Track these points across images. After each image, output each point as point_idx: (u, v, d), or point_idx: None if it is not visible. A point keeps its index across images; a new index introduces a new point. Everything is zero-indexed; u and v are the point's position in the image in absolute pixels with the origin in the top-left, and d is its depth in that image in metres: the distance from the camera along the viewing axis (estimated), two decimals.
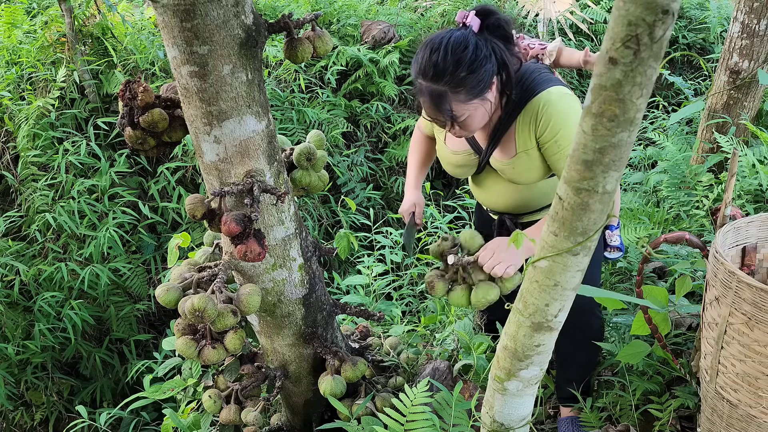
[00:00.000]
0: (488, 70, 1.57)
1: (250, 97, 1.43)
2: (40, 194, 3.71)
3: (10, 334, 3.50)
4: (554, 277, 1.06)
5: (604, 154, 0.88)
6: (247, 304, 1.56)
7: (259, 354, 2.03)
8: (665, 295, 1.83)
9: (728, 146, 3.08)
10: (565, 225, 0.99)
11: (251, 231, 1.47)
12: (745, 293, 1.38)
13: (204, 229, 3.71)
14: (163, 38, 1.36)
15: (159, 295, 1.57)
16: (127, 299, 3.86)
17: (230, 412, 1.94)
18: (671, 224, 2.94)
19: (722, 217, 1.69)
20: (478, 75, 1.55)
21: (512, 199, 1.88)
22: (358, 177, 4.49)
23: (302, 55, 1.53)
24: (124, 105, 1.56)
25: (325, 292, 1.88)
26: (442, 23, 5.34)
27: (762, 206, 2.81)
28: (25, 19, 4.32)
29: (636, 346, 1.89)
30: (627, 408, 1.99)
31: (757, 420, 1.47)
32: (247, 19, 1.37)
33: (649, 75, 0.80)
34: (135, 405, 2.32)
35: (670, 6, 0.73)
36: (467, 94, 1.57)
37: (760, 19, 3.03)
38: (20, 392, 3.67)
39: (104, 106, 4.07)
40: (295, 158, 1.77)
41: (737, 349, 1.45)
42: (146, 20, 4.36)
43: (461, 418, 1.70)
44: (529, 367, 1.23)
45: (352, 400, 1.91)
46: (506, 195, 1.88)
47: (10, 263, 3.58)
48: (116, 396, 3.75)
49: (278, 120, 4.27)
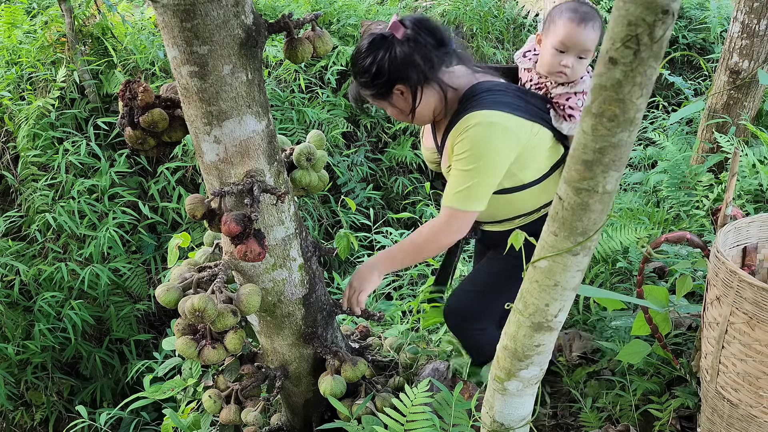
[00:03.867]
0: (387, 81, 1.69)
1: (250, 97, 1.43)
2: (40, 194, 3.71)
3: (10, 334, 3.50)
4: (554, 277, 1.06)
5: (604, 154, 0.88)
6: (247, 304, 1.56)
7: (259, 354, 2.03)
8: (666, 295, 1.83)
9: (728, 146, 3.07)
10: (565, 225, 0.99)
11: (251, 231, 1.47)
12: (746, 293, 1.38)
13: (204, 229, 3.71)
14: (163, 38, 1.36)
15: (159, 295, 1.57)
16: (127, 299, 3.86)
17: (230, 412, 1.94)
18: (671, 224, 2.93)
19: (723, 216, 1.69)
20: (378, 81, 1.69)
21: None
22: (358, 177, 4.49)
23: (302, 55, 1.53)
24: (124, 105, 1.56)
25: (325, 292, 1.88)
26: (442, 23, 5.33)
27: (762, 206, 2.81)
28: (25, 19, 4.31)
29: (636, 346, 1.89)
30: (627, 408, 1.99)
31: (758, 420, 1.47)
32: (247, 19, 1.37)
33: (649, 75, 0.80)
34: (135, 405, 2.32)
35: (670, 6, 0.73)
36: (372, 95, 1.76)
37: (760, 19, 3.03)
38: (20, 392, 3.66)
39: (104, 106, 4.06)
40: (295, 158, 1.77)
41: (738, 349, 1.45)
42: (146, 20, 4.36)
43: (461, 418, 1.70)
44: (529, 367, 1.23)
45: (352, 400, 1.91)
46: None
47: (10, 263, 3.57)
48: (116, 396, 3.75)
49: (278, 120, 4.27)
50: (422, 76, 1.69)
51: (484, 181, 1.68)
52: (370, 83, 1.71)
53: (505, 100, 1.70)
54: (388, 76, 1.68)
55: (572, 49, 1.72)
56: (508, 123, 1.66)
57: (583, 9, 1.72)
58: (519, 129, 1.67)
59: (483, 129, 1.64)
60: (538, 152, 1.75)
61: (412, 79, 1.68)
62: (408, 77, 1.68)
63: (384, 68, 1.67)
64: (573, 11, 1.71)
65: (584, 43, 1.71)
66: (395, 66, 1.66)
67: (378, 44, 1.68)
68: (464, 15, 5.38)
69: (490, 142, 1.65)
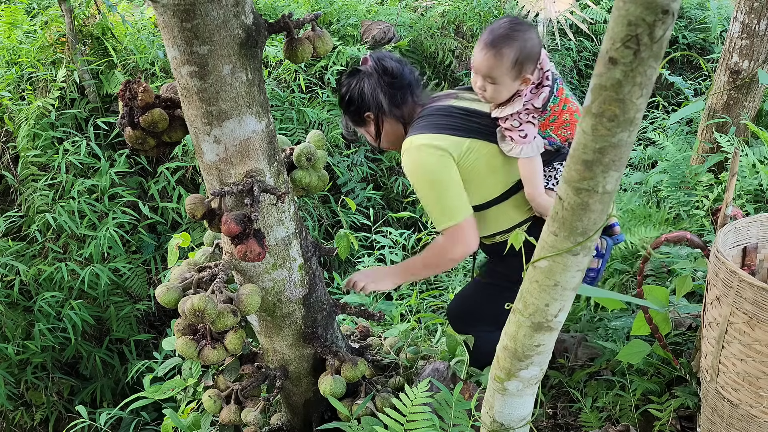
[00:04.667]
0: (357, 109, 1.92)
1: (250, 97, 1.43)
2: (40, 194, 3.71)
3: (10, 334, 3.50)
4: (554, 277, 1.06)
5: (604, 154, 0.88)
6: (247, 304, 1.56)
7: (259, 354, 2.03)
8: (666, 295, 1.83)
9: (728, 146, 3.07)
10: (565, 225, 0.99)
11: (251, 231, 1.47)
12: (746, 292, 1.38)
13: (204, 229, 3.71)
14: (163, 38, 1.36)
15: (159, 295, 1.57)
16: (127, 299, 3.86)
17: (230, 412, 1.94)
18: (671, 224, 2.93)
19: (723, 216, 1.69)
20: (351, 108, 1.94)
21: None
22: (358, 177, 4.49)
23: (302, 55, 1.53)
24: (124, 105, 1.56)
25: (325, 292, 1.88)
26: (442, 23, 5.34)
27: (762, 206, 2.81)
28: (25, 19, 4.31)
29: (636, 346, 1.89)
30: (627, 408, 1.99)
31: (758, 420, 1.47)
32: (247, 19, 1.37)
33: (649, 75, 0.79)
34: (135, 405, 2.32)
35: (670, 6, 0.73)
36: (351, 121, 2.00)
37: (760, 19, 3.03)
38: (20, 392, 3.66)
39: (104, 106, 4.06)
40: (295, 158, 1.77)
41: (738, 349, 1.45)
42: (146, 20, 4.36)
43: (461, 418, 1.70)
44: (529, 367, 1.23)
45: (352, 400, 1.91)
46: None
47: (10, 263, 3.57)
48: (116, 396, 3.75)
49: (278, 120, 4.27)
50: (381, 107, 1.89)
51: (448, 195, 1.77)
52: (347, 109, 1.96)
53: (436, 122, 1.81)
54: (358, 104, 1.91)
55: (478, 72, 1.71)
56: (432, 141, 1.77)
57: (499, 32, 1.65)
58: (446, 143, 1.76)
59: (412, 153, 1.79)
60: (482, 166, 1.79)
61: (373, 108, 1.90)
62: (370, 107, 1.90)
63: (354, 97, 1.91)
64: (488, 33, 1.68)
65: (484, 68, 1.68)
66: (362, 96, 1.90)
67: (352, 76, 1.93)
68: (464, 15, 5.37)
69: (423, 162, 1.76)
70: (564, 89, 1.76)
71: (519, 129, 1.72)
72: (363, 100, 1.90)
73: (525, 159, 1.75)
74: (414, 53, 5.17)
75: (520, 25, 1.67)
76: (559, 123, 1.76)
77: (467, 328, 2.15)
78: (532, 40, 1.65)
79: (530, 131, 1.72)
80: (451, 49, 5.20)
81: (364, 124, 1.97)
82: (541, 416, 2.16)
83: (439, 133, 1.77)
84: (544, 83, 1.71)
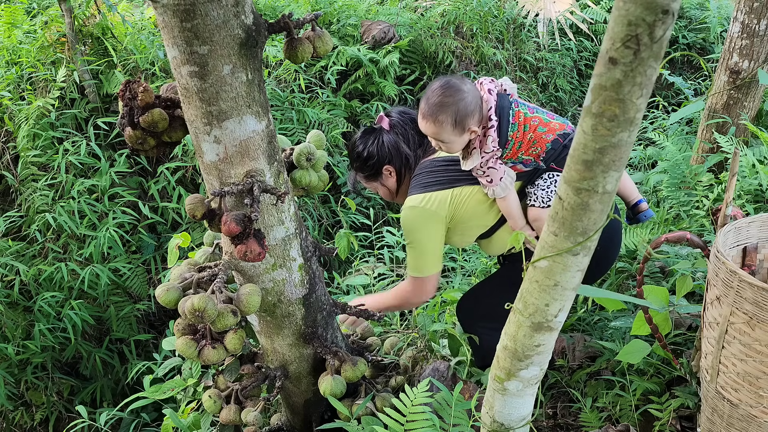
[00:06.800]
0: (377, 163, 2.03)
1: (250, 97, 1.43)
2: (40, 194, 3.71)
3: (10, 334, 3.50)
4: (554, 277, 1.06)
5: (604, 154, 0.88)
6: (247, 304, 1.56)
7: (259, 354, 2.03)
8: (666, 294, 1.83)
9: (728, 146, 3.08)
10: (565, 225, 0.99)
11: (251, 231, 1.47)
12: (746, 292, 1.38)
13: (204, 229, 3.71)
14: (163, 38, 1.36)
15: (159, 295, 1.57)
16: (127, 299, 3.86)
17: (230, 412, 1.94)
18: (671, 224, 2.93)
19: (723, 216, 1.69)
20: (366, 166, 2.06)
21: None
22: None
23: (302, 55, 1.53)
24: (124, 105, 1.55)
25: (325, 292, 1.88)
26: (442, 23, 5.34)
27: (762, 206, 2.81)
28: (25, 19, 4.31)
29: (636, 346, 1.89)
30: (627, 408, 1.99)
31: (758, 420, 1.47)
32: (247, 19, 1.37)
33: (649, 75, 0.80)
34: (135, 405, 2.32)
35: (670, 6, 0.73)
36: (365, 177, 2.12)
37: (760, 19, 3.03)
38: (20, 392, 3.66)
39: (104, 106, 4.06)
40: (295, 158, 1.77)
41: (738, 349, 1.45)
42: (146, 20, 4.36)
43: (461, 418, 1.70)
44: (529, 367, 1.23)
45: (352, 400, 1.90)
46: None
47: (10, 263, 3.57)
48: (116, 396, 3.75)
49: (278, 120, 4.27)
50: (407, 160, 2.02)
51: (424, 254, 1.98)
52: (364, 166, 2.06)
53: (422, 181, 1.98)
54: (377, 159, 2.02)
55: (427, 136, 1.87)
56: (420, 203, 1.93)
57: (433, 100, 1.77)
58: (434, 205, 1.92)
59: (405, 212, 1.97)
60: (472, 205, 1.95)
61: (396, 161, 2.02)
62: (393, 159, 2.02)
63: (374, 152, 2.02)
64: (424, 102, 1.81)
65: (431, 134, 1.84)
66: (383, 150, 2.01)
67: (368, 133, 2.05)
68: (464, 15, 5.37)
69: (412, 224, 1.95)
70: (521, 111, 1.85)
71: (485, 176, 1.87)
72: (384, 154, 2.01)
73: (499, 199, 1.91)
74: (414, 53, 5.17)
75: (450, 89, 1.77)
76: (527, 145, 1.85)
77: (475, 323, 2.18)
78: (464, 100, 1.76)
79: (495, 175, 1.86)
80: (451, 49, 5.20)
81: (380, 178, 2.08)
82: (541, 416, 2.16)
83: (427, 191, 1.94)
84: (488, 126, 1.82)
